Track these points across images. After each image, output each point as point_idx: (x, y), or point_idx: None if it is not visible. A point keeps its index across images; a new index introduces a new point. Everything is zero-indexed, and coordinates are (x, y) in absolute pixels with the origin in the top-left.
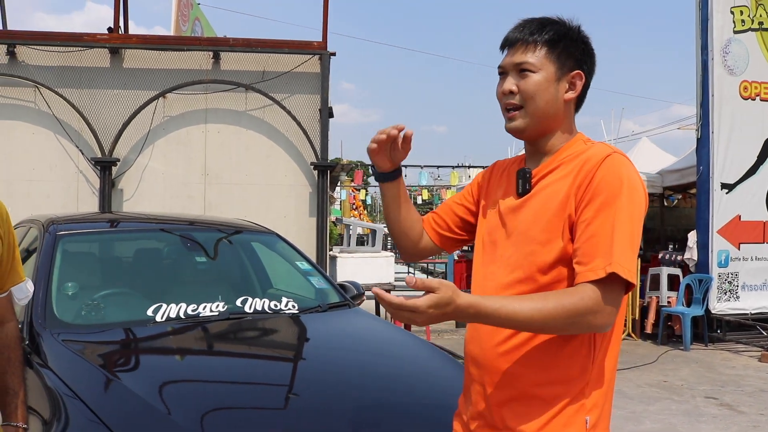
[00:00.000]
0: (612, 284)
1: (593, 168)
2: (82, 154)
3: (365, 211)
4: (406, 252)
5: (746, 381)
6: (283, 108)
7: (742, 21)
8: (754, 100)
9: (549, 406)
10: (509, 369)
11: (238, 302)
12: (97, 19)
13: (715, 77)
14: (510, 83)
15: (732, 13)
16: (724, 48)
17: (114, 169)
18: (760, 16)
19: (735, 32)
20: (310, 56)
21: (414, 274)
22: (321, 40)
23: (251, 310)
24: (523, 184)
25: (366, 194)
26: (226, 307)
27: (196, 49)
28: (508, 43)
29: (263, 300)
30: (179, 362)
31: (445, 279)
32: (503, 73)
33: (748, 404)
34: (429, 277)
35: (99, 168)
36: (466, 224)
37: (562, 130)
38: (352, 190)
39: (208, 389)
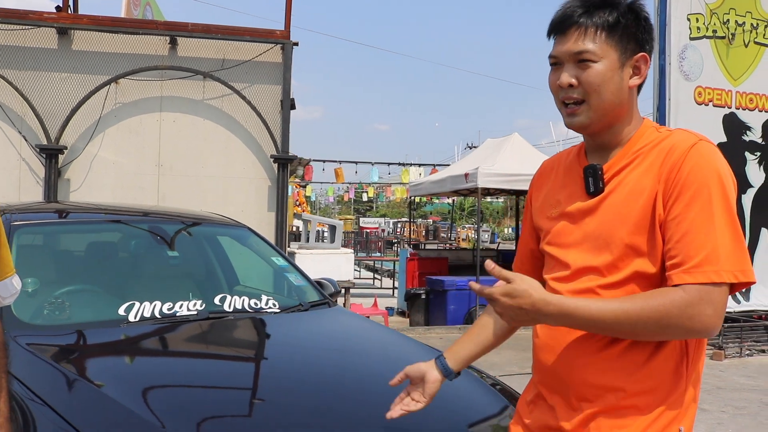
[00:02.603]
0: (716, 284)
1: (680, 158)
2: (26, 140)
3: (308, 208)
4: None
5: (703, 379)
6: (243, 98)
7: (698, 28)
8: (707, 105)
9: (643, 417)
10: (599, 380)
11: (217, 300)
12: None
13: (672, 82)
14: (568, 75)
15: (688, 20)
16: (680, 53)
17: (61, 158)
18: (714, 24)
19: (691, 39)
20: (272, 45)
21: (360, 272)
22: (284, 29)
23: (231, 309)
24: (595, 182)
25: (312, 191)
26: (204, 305)
27: (152, 33)
28: (557, 29)
29: (242, 298)
30: (161, 367)
31: (396, 277)
32: (556, 63)
33: (708, 402)
34: (375, 275)
35: (44, 156)
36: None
37: (629, 119)
38: (296, 186)
39: (199, 397)
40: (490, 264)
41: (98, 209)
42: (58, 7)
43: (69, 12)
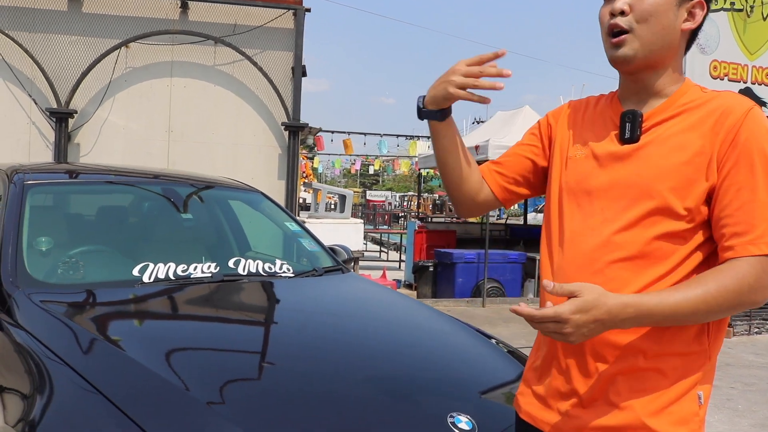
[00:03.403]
0: None
1: (737, 123)
2: (36, 104)
3: (315, 180)
4: (463, 206)
5: None
6: (255, 64)
7: (715, 0)
8: (722, 80)
9: (665, 380)
10: (619, 339)
11: (231, 263)
12: None
13: (687, 54)
14: (623, 1)
15: None
16: None
17: (71, 122)
18: None
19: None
20: (285, 11)
21: (366, 244)
22: None
23: (245, 272)
24: (632, 128)
25: (319, 162)
26: (218, 268)
27: None
28: None
29: (257, 261)
30: (178, 328)
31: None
32: None
33: (717, 378)
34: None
35: (54, 120)
36: (536, 175)
37: (673, 68)
38: (304, 158)
39: (220, 360)
40: (549, 284)
41: (111, 171)
42: None
43: None
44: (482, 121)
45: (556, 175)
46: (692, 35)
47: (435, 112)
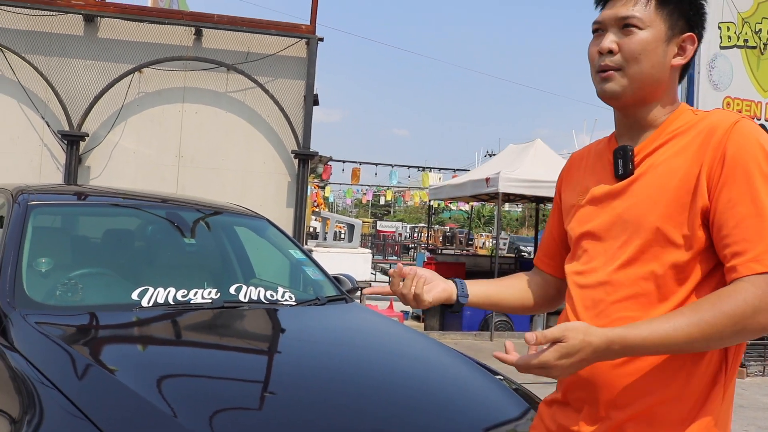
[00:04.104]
0: None
1: (723, 138)
2: (48, 126)
3: (326, 209)
4: (540, 311)
5: None
6: (266, 92)
7: (729, 37)
8: None
9: (677, 427)
10: (630, 385)
11: (232, 290)
12: None
13: (700, 92)
14: (610, 40)
15: (719, 28)
16: (710, 62)
17: (82, 145)
18: (746, 33)
19: (721, 47)
20: (297, 40)
21: (375, 274)
22: (309, 23)
23: (246, 300)
24: (624, 163)
25: (330, 192)
26: (219, 294)
27: (178, 24)
28: None
29: (258, 289)
30: (173, 354)
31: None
32: (599, 30)
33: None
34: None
35: (66, 142)
36: None
37: (665, 101)
38: (315, 187)
39: (212, 387)
40: (531, 337)
41: (116, 194)
42: None
43: (96, 0)
44: (494, 154)
45: (567, 227)
46: (684, 67)
47: (455, 305)
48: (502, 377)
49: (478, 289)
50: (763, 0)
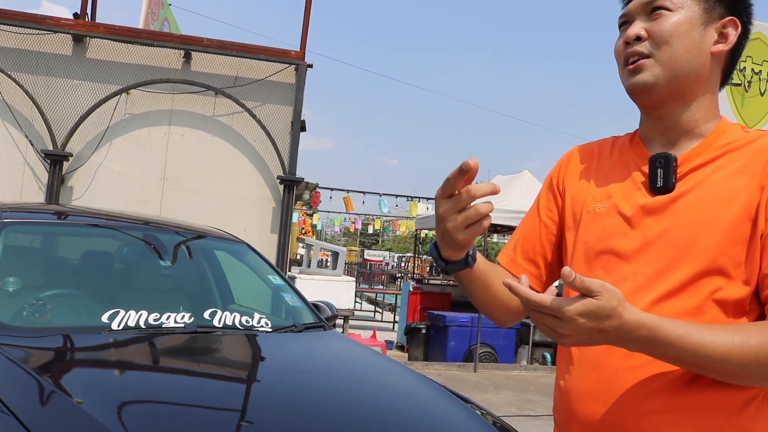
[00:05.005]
0: None
1: None
2: (32, 145)
3: (314, 237)
4: (506, 323)
5: None
6: (254, 116)
7: None
8: None
9: None
10: (652, 416)
11: (206, 315)
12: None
13: None
14: (638, 27)
15: None
16: None
17: (65, 165)
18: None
19: None
20: (286, 65)
21: (361, 303)
22: (299, 49)
23: (220, 325)
24: (666, 175)
25: (318, 219)
26: (192, 318)
27: (167, 46)
28: None
29: (234, 314)
30: (140, 379)
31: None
32: (626, 23)
33: None
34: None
35: (49, 162)
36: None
37: (706, 103)
38: (303, 214)
39: (177, 414)
40: (570, 273)
41: (94, 214)
42: (75, 14)
43: (86, 20)
44: None
45: (571, 234)
46: (730, 61)
47: (457, 263)
48: (482, 411)
49: (482, 263)
50: (747, 39)
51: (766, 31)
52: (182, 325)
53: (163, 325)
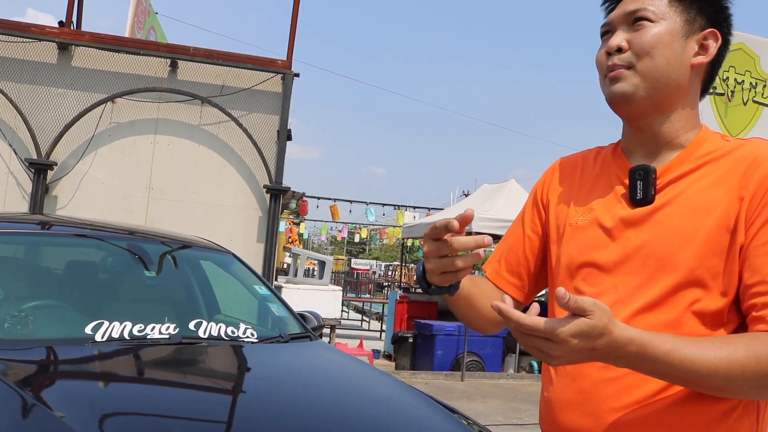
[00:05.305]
0: None
1: (766, 173)
2: (15, 153)
3: (300, 246)
4: (489, 332)
5: None
6: (240, 125)
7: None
8: None
9: None
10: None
11: (191, 325)
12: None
13: None
14: (620, 38)
15: None
16: None
17: (50, 174)
18: (715, 81)
19: None
20: (273, 75)
21: (348, 312)
22: (286, 59)
23: (206, 335)
24: (645, 187)
25: (305, 228)
26: (177, 330)
27: (153, 55)
28: None
29: (219, 325)
30: (123, 391)
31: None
32: (607, 32)
33: None
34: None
35: (33, 170)
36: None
37: (686, 114)
38: (290, 223)
39: (161, 426)
40: (564, 294)
41: (78, 224)
42: (61, 22)
43: (72, 28)
44: (469, 194)
45: (555, 248)
46: (710, 72)
47: (443, 288)
48: (469, 421)
49: (466, 285)
50: (730, 49)
51: (749, 42)
52: (167, 336)
53: (148, 337)
